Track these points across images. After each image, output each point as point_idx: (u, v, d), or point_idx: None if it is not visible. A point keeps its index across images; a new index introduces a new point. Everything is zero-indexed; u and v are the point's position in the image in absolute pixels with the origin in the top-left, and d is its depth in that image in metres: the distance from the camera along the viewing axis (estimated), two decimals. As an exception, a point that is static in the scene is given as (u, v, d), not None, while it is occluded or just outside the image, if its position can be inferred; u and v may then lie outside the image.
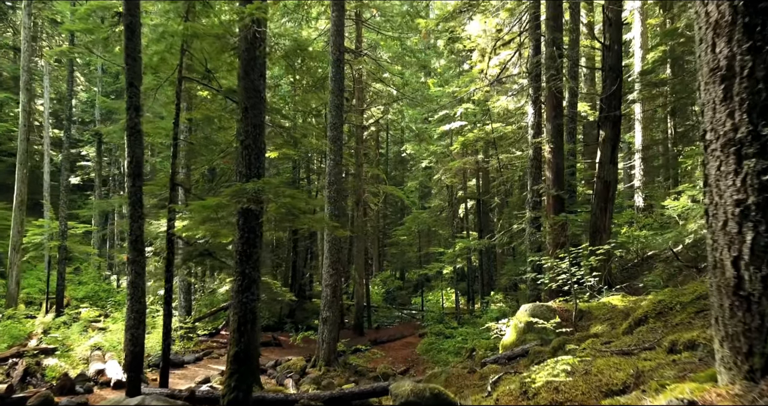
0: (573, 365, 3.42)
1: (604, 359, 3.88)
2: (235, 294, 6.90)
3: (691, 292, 5.47)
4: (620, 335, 5.82)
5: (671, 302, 5.51)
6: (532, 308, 8.65)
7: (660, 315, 5.45)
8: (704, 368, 2.78)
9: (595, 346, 5.05)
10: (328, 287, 14.37)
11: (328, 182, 14.59)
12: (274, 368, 14.06)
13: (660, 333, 4.77)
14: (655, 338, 4.55)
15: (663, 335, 4.68)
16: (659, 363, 3.26)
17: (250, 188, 6.48)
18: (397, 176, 41.94)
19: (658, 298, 5.75)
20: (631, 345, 4.49)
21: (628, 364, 3.50)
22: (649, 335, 4.85)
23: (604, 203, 12.35)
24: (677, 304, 5.41)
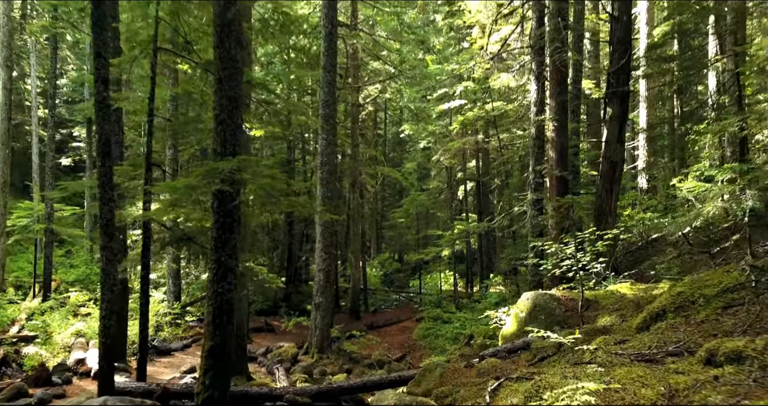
0: (596, 391, 2.83)
1: (625, 368, 3.28)
2: (210, 284, 6.30)
3: (716, 283, 4.86)
4: (634, 330, 5.23)
5: (693, 295, 4.90)
6: (534, 297, 8.06)
7: (680, 310, 4.85)
8: (762, 393, 2.18)
9: (609, 346, 4.46)
10: (321, 271, 13.80)
11: (321, 163, 13.93)
12: (264, 356, 13.55)
13: (684, 332, 4.17)
14: (679, 339, 3.95)
15: (687, 334, 4.08)
16: (696, 380, 2.67)
17: (223, 168, 5.83)
18: (395, 158, 41.24)
19: (677, 289, 5.14)
20: (652, 347, 3.89)
21: (655, 377, 2.91)
22: (670, 333, 4.25)
23: (610, 184, 11.72)
24: (699, 297, 4.81)
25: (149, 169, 8.48)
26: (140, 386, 7.83)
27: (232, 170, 5.94)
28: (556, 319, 7.63)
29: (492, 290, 21.88)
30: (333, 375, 12.72)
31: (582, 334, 6.23)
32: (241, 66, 6.65)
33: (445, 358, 13.05)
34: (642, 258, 14.15)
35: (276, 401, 7.54)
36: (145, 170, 8.49)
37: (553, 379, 3.56)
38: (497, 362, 6.85)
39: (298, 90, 24.69)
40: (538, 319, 7.82)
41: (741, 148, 12.75)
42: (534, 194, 12.37)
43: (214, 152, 6.38)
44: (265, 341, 16.15)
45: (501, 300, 16.57)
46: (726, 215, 9.43)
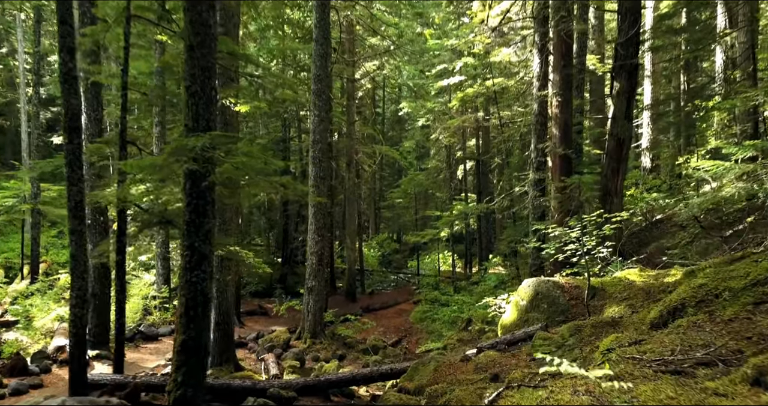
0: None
1: (650, 383, 2.74)
2: (183, 272, 5.75)
3: (743, 274, 4.31)
4: (648, 325, 4.70)
5: (716, 287, 4.36)
6: (536, 284, 7.54)
7: (702, 304, 4.31)
8: None
9: (623, 346, 3.92)
10: (313, 254, 13.28)
11: (313, 141, 13.31)
12: (255, 341, 13.11)
13: (710, 333, 3.63)
14: (707, 343, 3.41)
15: (715, 336, 3.54)
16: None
17: (192, 145, 5.23)
18: (394, 136, 40.52)
19: (698, 281, 4.60)
20: (676, 352, 3.36)
21: (690, 399, 2.37)
22: (694, 334, 3.71)
23: (617, 163, 11.11)
24: (725, 290, 4.27)
25: (124, 147, 7.88)
26: (115, 379, 7.35)
27: (204, 148, 5.35)
28: (560, 308, 7.12)
29: (491, 271, 21.44)
30: (326, 361, 12.30)
31: (589, 327, 5.72)
32: (215, 32, 6.00)
33: (442, 344, 12.63)
34: (647, 240, 13.59)
35: (259, 396, 7.07)
36: (119, 148, 7.89)
37: (562, 396, 3.02)
38: (496, 355, 6.35)
39: (292, 66, 23.89)
40: (540, 308, 7.31)
41: (755, 125, 12.11)
42: (536, 174, 11.79)
43: (185, 128, 5.78)
44: (257, 325, 15.73)
45: (500, 282, 16.11)
46: (746, 197, 8.84)
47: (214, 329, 10.31)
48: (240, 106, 9.49)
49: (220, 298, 10.28)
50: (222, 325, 10.26)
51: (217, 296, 10.29)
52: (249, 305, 18.32)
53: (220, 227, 10.23)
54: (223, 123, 10.26)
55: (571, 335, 5.71)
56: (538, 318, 7.24)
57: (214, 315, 10.32)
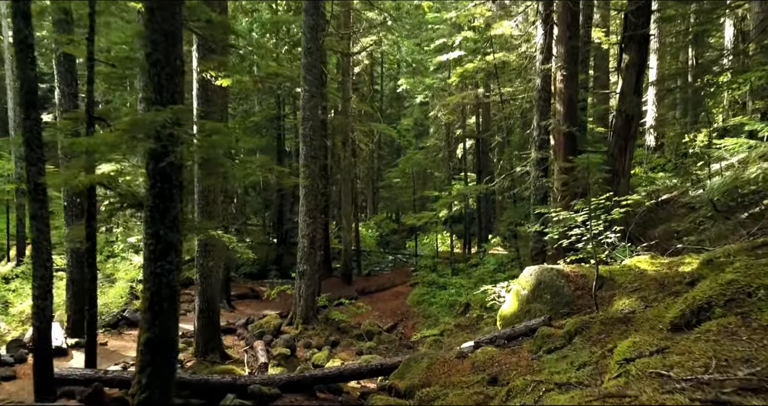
0: None
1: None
2: (146, 263, 5.17)
3: (780, 270, 3.73)
4: (668, 325, 4.13)
5: (749, 285, 3.79)
6: (538, 273, 6.97)
7: (733, 304, 3.74)
8: None
9: (642, 356, 3.36)
10: (305, 237, 12.71)
11: (303, 118, 12.63)
12: (245, 327, 12.61)
13: (748, 343, 3.06)
14: (748, 356, 2.84)
15: (756, 347, 2.97)
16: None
17: (151, 121, 4.61)
18: (392, 114, 39.69)
19: (728, 276, 4.02)
20: (710, 368, 2.79)
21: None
22: (728, 343, 3.14)
23: (624, 141, 10.49)
24: (759, 288, 3.69)
25: (92, 123, 7.24)
26: (85, 374, 6.84)
27: (166, 124, 4.71)
28: (564, 299, 6.57)
29: (491, 252, 20.92)
30: (318, 348, 11.83)
31: (598, 323, 5.16)
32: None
33: (439, 330, 12.15)
34: (653, 222, 12.98)
35: (240, 393, 6.56)
36: (86, 125, 7.25)
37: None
38: (495, 352, 5.81)
39: (285, 40, 23.01)
40: (542, 298, 6.76)
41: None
42: (538, 153, 11.15)
43: (147, 101, 5.14)
44: (249, 309, 15.25)
45: (499, 265, 15.59)
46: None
47: (198, 316, 9.81)
48: (221, 79, 8.80)
49: (204, 284, 9.73)
50: (207, 312, 9.74)
51: (201, 282, 9.75)
52: (241, 289, 17.84)
53: (203, 209, 9.65)
54: (205, 99, 9.60)
55: (578, 332, 5.15)
56: (541, 309, 6.69)
57: (198, 302, 9.81)
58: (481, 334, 11.19)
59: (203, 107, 9.54)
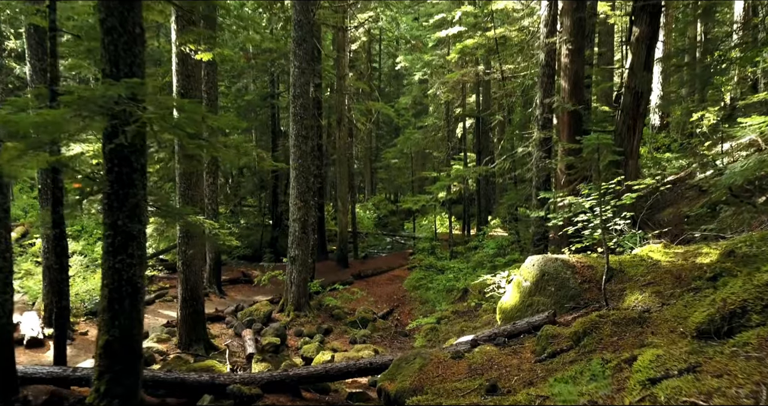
0: None
1: None
2: (104, 257, 4.62)
3: (829, 271, 3.18)
4: (692, 331, 3.59)
5: (792, 288, 3.23)
6: (542, 263, 6.42)
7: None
8: None
9: (670, 374, 2.82)
10: (296, 221, 12.16)
11: (293, 95, 11.97)
12: (234, 315, 12.14)
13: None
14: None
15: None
16: None
17: (101, 96, 4.00)
18: (391, 93, 38.92)
19: (765, 278, 3.47)
20: (762, 400, 2.24)
21: None
22: (775, 362, 2.60)
23: (633, 120, 9.87)
24: (806, 292, 3.14)
25: (54, 100, 6.61)
26: (52, 372, 6.33)
27: (120, 100, 4.11)
28: (570, 292, 6.03)
29: (491, 233, 20.42)
30: (310, 336, 11.39)
31: (609, 323, 4.62)
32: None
33: (435, 319, 11.68)
34: (659, 205, 12.39)
35: (219, 393, 6.07)
36: (49, 101, 6.63)
37: None
38: (494, 352, 5.30)
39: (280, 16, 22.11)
40: (546, 291, 6.22)
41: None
42: (541, 133, 10.53)
43: (102, 74, 4.53)
44: (240, 295, 14.77)
45: (499, 249, 15.07)
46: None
47: (181, 305, 9.31)
48: (202, 53, 8.15)
49: (186, 272, 9.22)
50: (190, 301, 9.24)
51: (183, 269, 9.23)
52: (233, 273, 17.35)
53: (183, 193, 9.08)
54: (185, 74, 8.95)
55: (587, 333, 4.62)
56: (544, 303, 6.16)
57: (180, 291, 9.30)
58: (479, 322, 10.74)
59: (184, 83, 8.90)
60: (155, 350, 9.03)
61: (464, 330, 10.47)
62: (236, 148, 5.11)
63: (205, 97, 13.92)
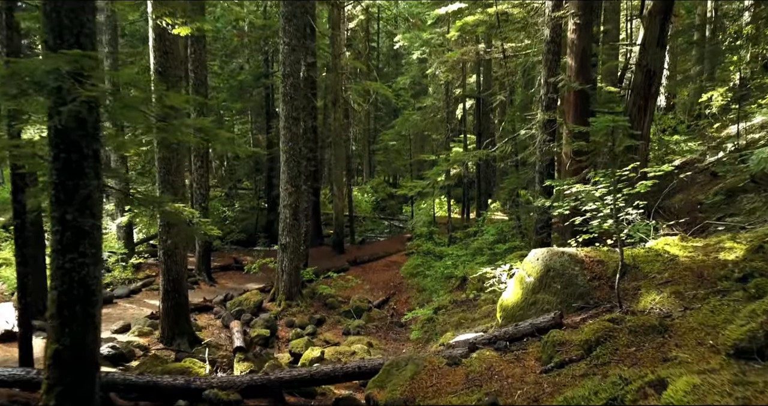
0: None
1: None
2: (54, 256, 4.07)
3: None
4: (728, 349, 3.05)
5: None
6: (547, 257, 5.88)
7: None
8: None
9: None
10: (287, 207, 11.60)
11: (284, 74, 11.32)
12: (222, 304, 11.64)
13: None
14: None
15: None
16: None
17: (36, 70, 3.41)
18: (390, 73, 38.05)
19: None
20: None
21: None
22: None
23: (644, 100, 9.25)
24: None
25: (12, 78, 5.98)
26: (14, 375, 5.82)
27: (61, 75, 3.52)
28: (578, 290, 5.49)
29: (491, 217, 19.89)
30: (302, 327, 10.92)
31: (625, 332, 4.09)
32: None
33: (432, 309, 11.19)
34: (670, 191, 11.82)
35: (194, 399, 5.57)
36: (6, 80, 6.00)
37: None
38: (494, 357, 4.78)
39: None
40: (551, 288, 5.69)
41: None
42: (545, 114, 9.90)
43: (45, 46, 3.92)
44: (231, 283, 14.28)
45: (500, 235, 14.53)
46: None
47: (163, 298, 8.80)
48: (179, 28, 7.50)
49: (168, 262, 8.68)
50: (172, 293, 8.72)
51: (165, 260, 8.69)
52: (225, 259, 16.85)
53: (163, 179, 8.51)
54: (163, 51, 8.30)
55: (600, 342, 4.09)
56: (550, 302, 5.63)
57: (162, 282, 8.78)
58: (477, 313, 10.23)
59: (161, 60, 8.27)
60: (136, 344, 8.54)
61: (462, 322, 9.98)
62: (205, 131, 4.51)
63: (192, 76, 13.28)
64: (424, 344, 10.02)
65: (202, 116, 17.22)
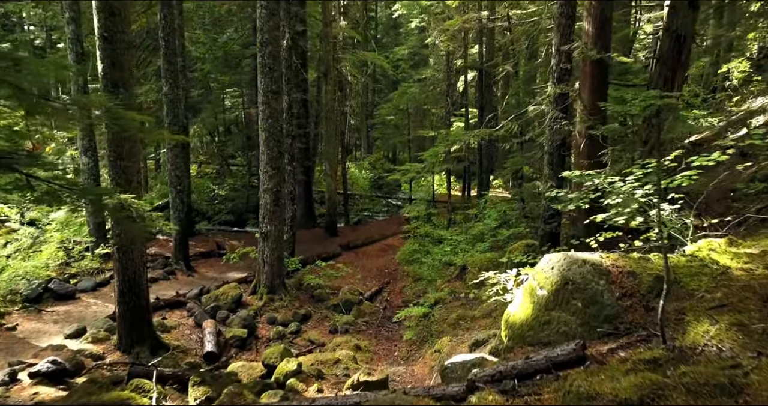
0: None
1: None
2: None
3: None
4: None
5: None
6: (564, 265, 4.75)
7: None
8: None
9: None
10: (267, 192, 10.47)
11: (261, 42, 10.05)
12: (197, 299, 10.59)
13: None
14: None
15: None
16: None
17: None
18: (389, 44, 36.47)
19: None
20: None
21: None
22: None
23: (672, 70, 7.99)
24: None
25: None
26: None
27: None
28: (604, 311, 4.38)
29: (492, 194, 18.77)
30: (284, 325, 9.93)
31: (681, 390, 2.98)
32: None
33: (429, 303, 10.14)
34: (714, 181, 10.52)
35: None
36: None
37: None
38: (499, 401, 3.70)
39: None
40: (569, 306, 4.58)
41: None
42: (557, 87, 8.65)
43: None
44: (211, 271, 13.23)
45: (502, 221, 13.41)
46: None
47: (118, 301, 7.73)
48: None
49: (123, 259, 7.58)
50: (129, 295, 7.65)
51: (120, 257, 7.59)
52: (208, 244, 15.76)
53: (114, 165, 7.34)
54: (109, 13, 7.04)
55: (645, 403, 2.99)
56: (567, 323, 4.53)
57: (117, 283, 7.70)
58: (478, 311, 9.15)
59: (106, 23, 7.02)
60: (88, 353, 7.51)
61: (461, 322, 8.94)
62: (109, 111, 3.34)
63: (162, 45, 11.97)
64: (418, 346, 9.01)
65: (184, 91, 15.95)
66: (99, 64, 7.13)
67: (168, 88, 12.04)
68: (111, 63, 7.08)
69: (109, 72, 7.09)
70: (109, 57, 7.08)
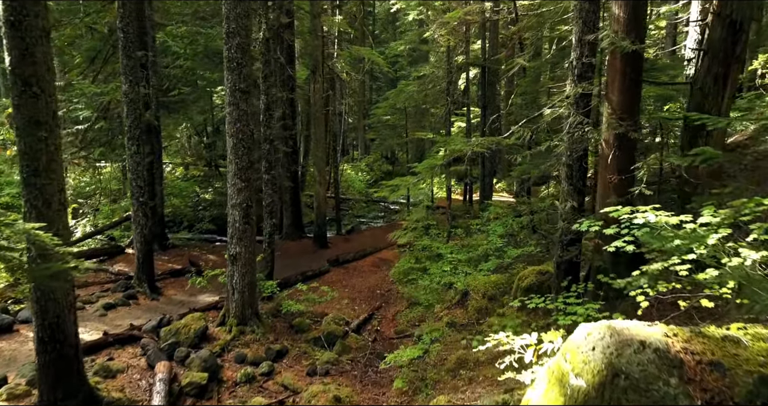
0: None
1: None
2: None
3: None
4: None
5: None
6: (613, 348, 3.25)
7: None
8: None
9: None
10: (235, 207, 8.98)
11: (227, 33, 8.56)
12: (155, 333, 9.08)
13: None
14: None
15: None
16: None
17: None
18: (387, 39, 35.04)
19: None
20: None
21: None
22: None
23: (725, 66, 6.52)
24: None
25: None
26: None
27: None
28: (679, 429, 2.89)
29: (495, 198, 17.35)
30: (254, 364, 8.50)
31: None
32: None
33: (423, 343, 8.65)
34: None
35: None
36: None
37: None
38: None
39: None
40: (622, 411, 3.08)
41: None
42: (579, 86, 7.13)
43: None
44: (180, 294, 11.73)
45: (508, 236, 11.93)
46: None
47: (37, 350, 6.24)
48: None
49: (41, 301, 6.10)
50: (51, 344, 6.16)
51: (39, 297, 6.11)
52: (181, 260, 14.26)
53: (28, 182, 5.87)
54: (16, -9, 5.55)
55: None
56: (619, 439, 3.04)
57: (36, 328, 6.22)
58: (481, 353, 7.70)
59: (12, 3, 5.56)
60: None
61: (461, 370, 7.47)
62: None
63: (121, 36, 10.49)
64: (410, 396, 7.53)
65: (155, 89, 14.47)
66: (6, 57, 5.66)
67: (128, 86, 10.54)
68: (20, 55, 5.61)
69: (18, 66, 5.62)
70: (17, 47, 5.61)
